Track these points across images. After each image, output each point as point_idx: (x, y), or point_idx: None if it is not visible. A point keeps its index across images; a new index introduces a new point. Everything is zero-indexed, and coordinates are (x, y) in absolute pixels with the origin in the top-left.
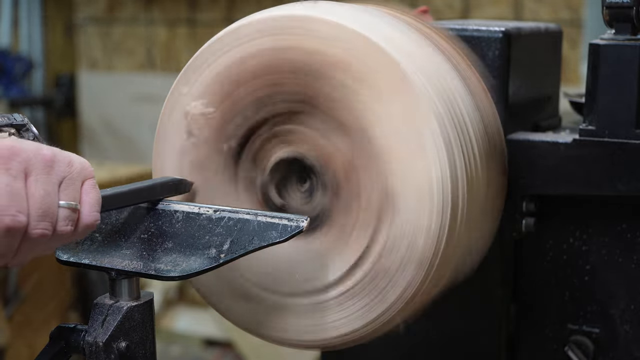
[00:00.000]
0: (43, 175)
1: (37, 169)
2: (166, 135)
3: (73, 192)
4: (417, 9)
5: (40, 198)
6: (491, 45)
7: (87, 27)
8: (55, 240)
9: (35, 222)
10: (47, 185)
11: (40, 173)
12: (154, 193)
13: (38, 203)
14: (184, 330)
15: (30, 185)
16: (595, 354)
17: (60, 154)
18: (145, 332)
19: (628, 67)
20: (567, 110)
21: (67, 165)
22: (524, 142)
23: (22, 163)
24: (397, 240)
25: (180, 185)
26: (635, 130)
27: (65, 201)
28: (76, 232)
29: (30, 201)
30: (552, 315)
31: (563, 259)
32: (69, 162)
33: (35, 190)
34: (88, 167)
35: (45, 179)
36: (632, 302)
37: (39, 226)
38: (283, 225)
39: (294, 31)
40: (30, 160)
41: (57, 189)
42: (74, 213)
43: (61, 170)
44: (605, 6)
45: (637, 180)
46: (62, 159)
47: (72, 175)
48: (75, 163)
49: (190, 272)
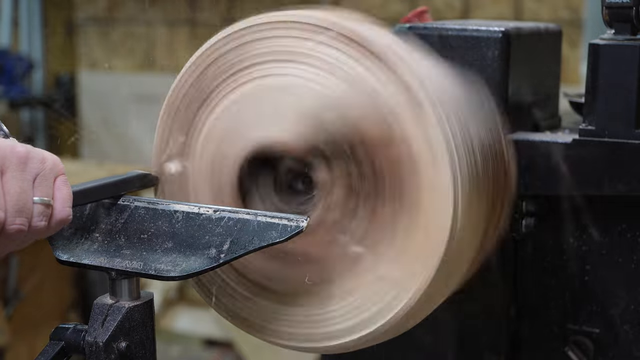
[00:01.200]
0: (18, 172)
1: (12, 165)
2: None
3: (46, 188)
4: (417, 9)
5: (17, 195)
6: (491, 45)
7: (87, 27)
8: (30, 236)
9: (12, 217)
10: (23, 182)
11: (15, 170)
12: (120, 188)
13: (14, 199)
14: (184, 330)
15: (7, 182)
16: (595, 354)
17: (33, 151)
18: (145, 332)
19: (628, 67)
20: (567, 110)
21: (40, 162)
22: (524, 142)
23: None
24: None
25: (145, 179)
26: (635, 130)
27: (39, 197)
28: (49, 227)
29: (7, 198)
30: (552, 315)
31: (563, 259)
32: (42, 158)
33: (12, 187)
34: (59, 164)
35: (20, 176)
36: (632, 302)
37: (16, 222)
38: (283, 225)
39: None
40: (6, 157)
41: (31, 185)
42: (47, 209)
43: (35, 167)
44: (605, 6)
45: (637, 180)
46: (36, 155)
47: (45, 171)
48: (48, 160)
49: (190, 272)
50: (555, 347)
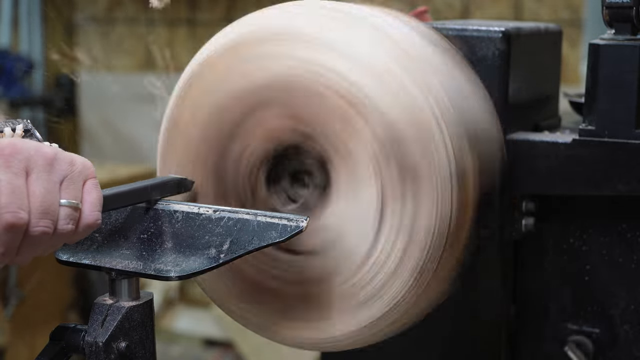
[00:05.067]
0: (44, 174)
1: (38, 167)
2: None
3: (74, 191)
4: (417, 9)
5: (41, 196)
6: (491, 45)
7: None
8: (56, 239)
9: (36, 219)
10: (48, 183)
11: (41, 171)
12: (155, 192)
13: (39, 201)
14: (184, 330)
15: (31, 183)
16: (595, 354)
17: (61, 153)
18: (145, 332)
19: (628, 67)
20: (567, 110)
21: (69, 164)
22: (524, 142)
23: (23, 161)
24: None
25: (181, 185)
26: (635, 130)
27: (66, 200)
28: (77, 231)
29: (31, 199)
30: (552, 315)
31: (563, 259)
32: (71, 161)
33: (36, 188)
34: (90, 167)
35: (46, 177)
36: (632, 302)
37: (40, 224)
38: (283, 225)
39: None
40: (32, 158)
41: (58, 187)
42: (75, 212)
43: (62, 169)
44: (605, 6)
45: (637, 180)
46: (64, 158)
47: (74, 174)
48: (77, 162)
49: (190, 272)
50: (555, 347)
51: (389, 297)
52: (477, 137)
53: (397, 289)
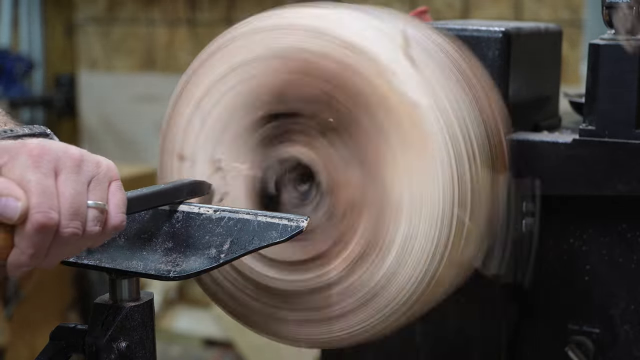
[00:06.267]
0: (73, 175)
1: (66, 167)
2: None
3: (101, 192)
4: (417, 9)
5: (71, 197)
6: (491, 45)
7: (87, 27)
8: (84, 241)
9: (67, 221)
10: (77, 184)
11: (70, 172)
12: (178, 195)
13: (69, 202)
14: (184, 330)
15: (61, 183)
16: (595, 354)
17: (87, 155)
18: (145, 332)
19: (628, 67)
20: (567, 110)
21: (95, 166)
22: (524, 142)
23: (52, 162)
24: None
25: (200, 187)
26: (635, 130)
27: (94, 201)
28: (104, 233)
29: (62, 199)
30: (552, 315)
31: (563, 259)
32: (97, 162)
33: (66, 188)
34: (114, 169)
35: (75, 178)
36: (632, 302)
37: (71, 225)
38: (283, 225)
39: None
40: (60, 159)
41: (86, 188)
42: (102, 214)
43: (89, 170)
44: (605, 6)
45: (637, 180)
46: (90, 159)
47: (100, 175)
48: (103, 164)
49: (190, 272)
50: (555, 347)
51: (390, 295)
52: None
53: (398, 287)
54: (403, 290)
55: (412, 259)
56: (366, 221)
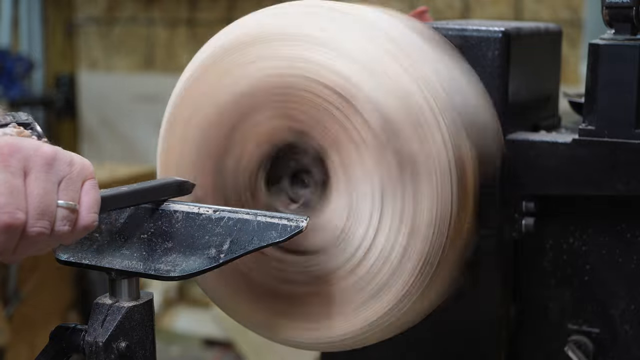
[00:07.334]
0: (42, 174)
1: (36, 167)
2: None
3: (72, 192)
4: (417, 9)
5: (39, 196)
6: (491, 45)
7: (87, 27)
8: (53, 240)
9: (34, 220)
10: (47, 183)
11: (39, 171)
12: (155, 194)
13: (37, 201)
14: (184, 330)
15: (30, 183)
16: (595, 354)
17: (61, 153)
18: (145, 332)
19: (628, 67)
20: (567, 110)
21: (68, 165)
22: (524, 142)
23: (22, 161)
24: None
25: (182, 187)
26: (634, 130)
27: (64, 201)
28: (74, 232)
29: (29, 199)
30: (552, 315)
31: (563, 259)
32: (70, 161)
33: (34, 188)
34: (89, 168)
35: (44, 178)
36: (632, 302)
37: (37, 224)
38: (283, 225)
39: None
40: (30, 158)
41: (56, 188)
42: (72, 213)
43: (61, 169)
44: (605, 6)
45: (637, 180)
46: (63, 158)
47: (72, 175)
48: (76, 163)
49: (190, 272)
50: (555, 347)
51: (390, 296)
52: (474, 126)
53: (399, 287)
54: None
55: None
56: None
